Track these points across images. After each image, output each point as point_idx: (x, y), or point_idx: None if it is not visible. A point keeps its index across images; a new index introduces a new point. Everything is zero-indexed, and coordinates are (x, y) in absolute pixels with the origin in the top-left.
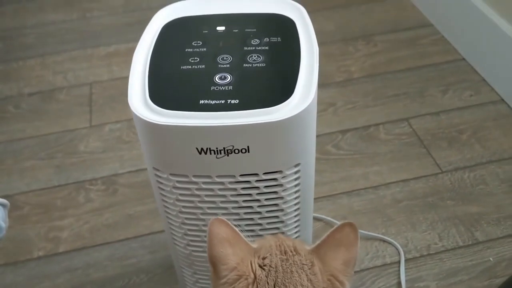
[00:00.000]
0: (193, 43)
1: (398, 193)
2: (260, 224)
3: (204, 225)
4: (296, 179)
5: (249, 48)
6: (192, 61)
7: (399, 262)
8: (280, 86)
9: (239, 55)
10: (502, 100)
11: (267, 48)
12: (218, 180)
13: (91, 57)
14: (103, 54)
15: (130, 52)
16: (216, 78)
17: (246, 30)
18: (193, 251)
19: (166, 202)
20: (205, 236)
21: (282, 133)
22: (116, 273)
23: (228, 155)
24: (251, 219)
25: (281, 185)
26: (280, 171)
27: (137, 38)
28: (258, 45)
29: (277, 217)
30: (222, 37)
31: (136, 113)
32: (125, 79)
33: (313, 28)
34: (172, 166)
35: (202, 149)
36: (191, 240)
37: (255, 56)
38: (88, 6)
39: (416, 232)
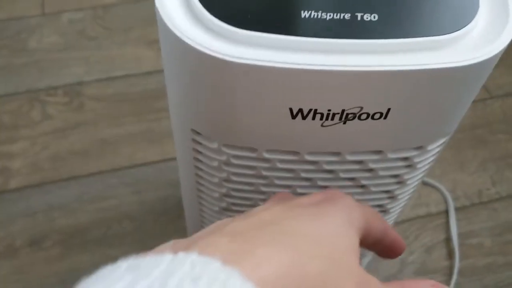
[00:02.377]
0: None
1: None
2: None
3: (263, 200)
4: (433, 155)
5: None
6: None
7: (446, 211)
8: None
9: None
10: None
11: None
12: (309, 158)
13: None
14: None
15: None
16: None
17: None
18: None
19: (203, 178)
20: None
21: (456, 86)
22: (90, 219)
23: (345, 123)
24: None
25: (410, 165)
26: (420, 147)
27: None
28: None
29: (381, 206)
30: None
31: (177, 33)
32: None
33: None
34: (231, 134)
35: (300, 110)
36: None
37: None
38: None
39: (464, 174)
